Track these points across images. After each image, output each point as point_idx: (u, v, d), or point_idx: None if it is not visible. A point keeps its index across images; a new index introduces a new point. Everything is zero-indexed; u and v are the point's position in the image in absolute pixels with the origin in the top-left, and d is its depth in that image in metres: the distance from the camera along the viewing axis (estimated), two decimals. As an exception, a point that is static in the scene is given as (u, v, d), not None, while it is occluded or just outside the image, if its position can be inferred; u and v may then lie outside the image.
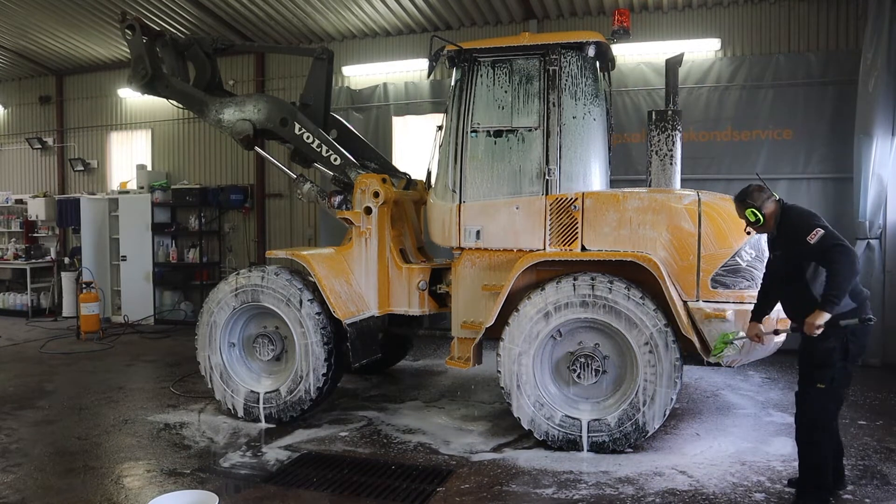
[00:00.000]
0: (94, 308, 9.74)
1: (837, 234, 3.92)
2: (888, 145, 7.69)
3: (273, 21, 10.15)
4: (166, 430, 5.62)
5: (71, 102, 12.71)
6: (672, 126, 5.80)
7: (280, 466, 4.80)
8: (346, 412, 6.11)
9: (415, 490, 4.38)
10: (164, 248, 11.25)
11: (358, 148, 6.97)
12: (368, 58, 10.38)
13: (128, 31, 6.89)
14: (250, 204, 11.23)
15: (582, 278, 4.98)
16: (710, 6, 8.90)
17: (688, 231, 5.01)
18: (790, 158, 8.38)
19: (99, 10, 9.94)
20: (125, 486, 4.48)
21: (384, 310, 6.10)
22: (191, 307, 11.21)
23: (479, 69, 5.60)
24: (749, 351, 4.92)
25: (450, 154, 5.62)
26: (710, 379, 7.22)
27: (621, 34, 5.69)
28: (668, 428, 5.51)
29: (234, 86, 10.77)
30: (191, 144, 11.80)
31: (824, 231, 3.90)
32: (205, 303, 6.01)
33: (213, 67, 7.13)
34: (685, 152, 6.57)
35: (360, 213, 6.08)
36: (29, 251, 12.13)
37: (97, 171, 12.57)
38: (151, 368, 7.92)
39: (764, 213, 4.11)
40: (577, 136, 5.37)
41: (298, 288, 5.65)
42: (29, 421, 5.88)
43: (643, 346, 4.86)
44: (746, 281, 4.96)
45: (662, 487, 4.40)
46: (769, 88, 8.44)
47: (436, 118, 7.94)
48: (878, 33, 7.64)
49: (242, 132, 6.60)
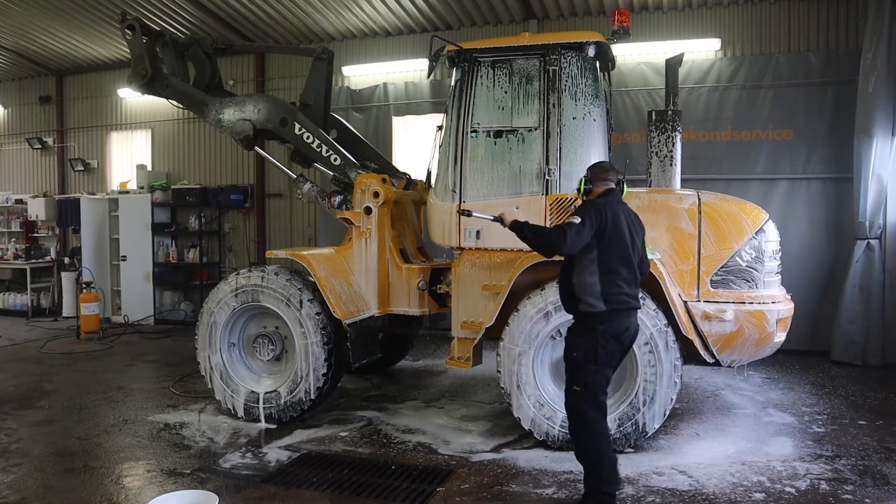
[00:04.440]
0: (94, 308, 9.74)
1: (576, 226, 3.81)
2: (888, 145, 7.69)
3: (273, 21, 10.15)
4: (166, 430, 5.62)
5: (71, 102, 12.70)
6: (672, 127, 5.80)
7: (280, 466, 4.80)
8: (346, 412, 6.11)
9: (415, 490, 4.38)
10: (164, 248, 11.25)
11: (358, 148, 6.96)
12: (368, 58, 10.38)
13: (128, 31, 6.89)
14: (250, 204, 11.22)
15: (582, 278, 4.98)
16: (710, 6, 8.90)
17: (688, 231, 5.01)
18: (790, 158, 8.37)
19: (99, 10, 9.94)
20: (125, 486, 4.48)
21: (384, 310, 6.10)
22: (191, 307, 11.20)
23: (479, 69, 5.60)
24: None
25: (450, 154, 5.61)
26: (710, 379, 7.22)
27: (621, 34, 5.68)
28: (668, 428, 5.51)
29: (234, 86, 10.77)
30: (191, 144, 11.80)
31: (576, 217, 3.87)
32: (205, 303, 6.01)
33: (213, 67, 7.13)
34: (685, 152, 6.57)
35: (360, 213, 6.08)
36: (29, 251, 12.12)
37: (97, 171, 12.57)
38: (151, 368, 7.92)
39: (587, 188, 4.13)
40: (577, 136, 5.37)
41: (298, 288, 5.65)
42: (29, 421, 5.88)
43: (643, 347, 4.86)
44: (746, 281, 4.96)
45: (662, 487, 4.40)
46: (769, 88, 8.44)
47: (436, 118, 7.95)
48: (878, 33, 7.64)
49: (242, 132, 6.60)
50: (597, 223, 3.86)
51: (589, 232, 3.85)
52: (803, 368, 7.64)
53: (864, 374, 7.45)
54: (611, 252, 3.92)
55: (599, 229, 3.87)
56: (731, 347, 4.99)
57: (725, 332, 4.91)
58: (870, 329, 7.81)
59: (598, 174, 4.16)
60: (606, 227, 3.88)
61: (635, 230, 4.10)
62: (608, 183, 4.13)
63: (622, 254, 3.95)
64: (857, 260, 7.81)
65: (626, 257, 3.96)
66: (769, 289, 5.04)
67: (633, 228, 4.07)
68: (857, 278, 7.82)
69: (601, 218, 3.88)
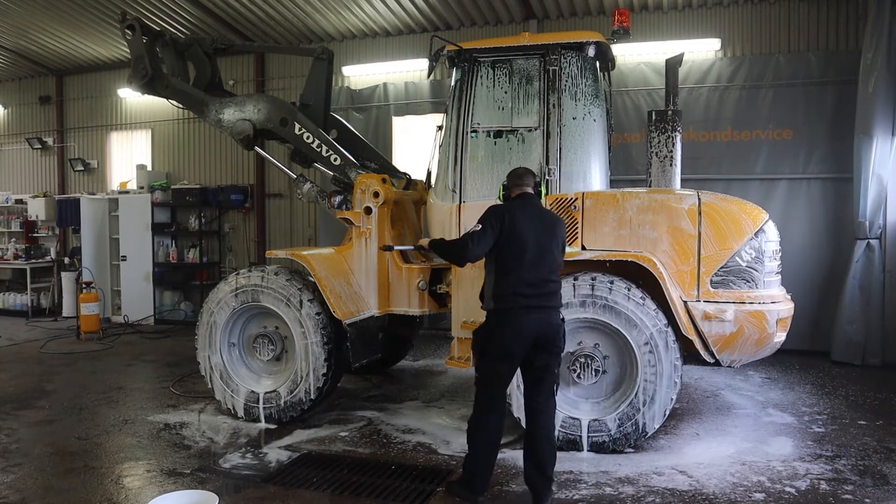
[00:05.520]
0: (94, 308, 9.74)
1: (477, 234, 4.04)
2: (888, 145, 7.69)
3: (273, 21, 10.15)
4: (166, 430, 5.62)
5: (71, 102, 12.71)
6: (672, 127, 5.80)
7: (280, 466, 4.80)
8: (346, 412, 6.11)
9: (415, 490, 4.38)
10: (164, 248, 11.25)
11: (358, 148, 6.96)
12: (368, 58, 10.38)
13: (128, 31, 6.89)
14: (250, 204, 11.22)
15: (582, 278, 4.99)
16: (710, 6, 8.90)
17: (688, 232, 5.01)
18: (790, 158, 8.37)
19: (99, 10, 9.94)
20: (125, 486, 4.48)
21: (384, 310, 6.10)
22: (191, 307, 11.21)
23: (479, 69, 5.60)
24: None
25: (450, 154, 5.61)
26: (710, 379, 7.23)
27: (621, 34, 5.69)
28: (668, 428, 5.52)
29: (234, 86, 10.77)
30: (191, 144, 11.80)
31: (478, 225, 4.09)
32: (205, 303, 6.01)
33: (213, 67, 7.13)
34: (685, 152, 6.57)
35: (360, 213, 6.08)
36: (29, 251, 12.12)
37: (97, 171, 12.57)
38: (151, 368, 7.92)
39: (505, 194, 4.37)
40: (577, 136, 5.37)
41: (298, 288, 5.65)
42: (29, 421, 5.88)
43: (643, 347, 4.87)
44: (746, 281, 4.96)
45: (662, 487, 4.40)
46: (769, 88, 8.44)
47: (436, 118, 7.95)
48: (878, 33, 7.64)
49: (242, 132, 6.59)
50: (497, 227, 4.04)
51: (491, 237, 4.04)
52: (803, 368, 7.65)
53: (864, 374, 7.45)
54: (507, 254, 4.07)
55: (500, 233, 4.05)
56: (731, 347, 4.99)
57: (725, 332, 4.91)
58: (870, 329, 7.81)
59: (513, 180, 4.35)
60: (504, 230, 4.05)
61: (545, 232, 4.16)
62: (523, 188, 4.30)
63: (521, 255, 4.05)
64: (857, 260, 7.81)
65: (526, 258, 4.05)
66: (769, 289, 5.04)
67: (542, 230, 4.14)
68: (857, 278, 7.82)
69: (501, 222, 4.06)
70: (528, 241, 4.05)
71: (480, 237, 4.04)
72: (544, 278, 4.11)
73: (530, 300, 4.04)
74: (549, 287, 4.13)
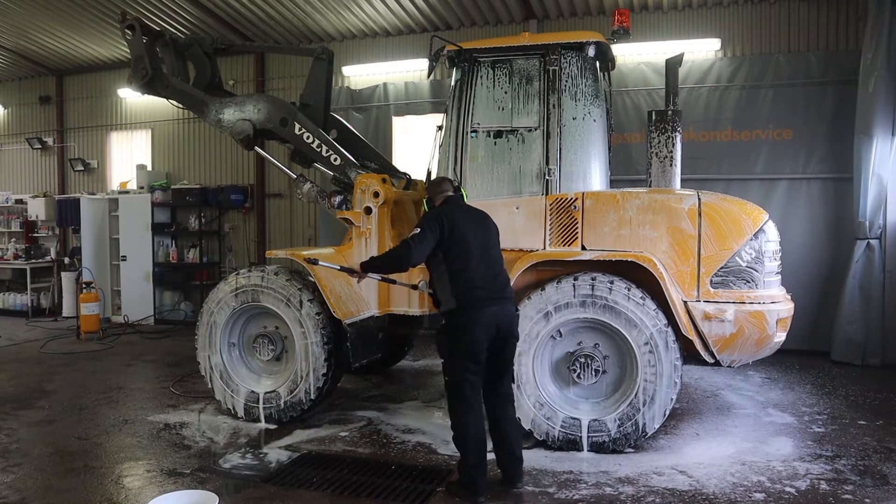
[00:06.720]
0: (94, 308, 9.74)
1: (417, 236, 4.16)
2: (888, 145, 7.69)
3: (273, 21, 10.15)
4: (166, 430, 5.62)
5: (71, 102, 12.71)
6: (672, 127, 5.80)
7: (280, 466, 4.80)
8: (346, 412, 6.11)
9: (415, 490, 4.38)
10: (164, 248, 11.25)
11: (358, 148, 6.96)
12: (368, 58, 10.38)
13: (128, 31, 6.89)
14: (250, 204, 11.22)
15: (582, 278, 4.99)
16: (710, 6, 8.90)
17: (688, 232, 5.01)
18: (790, 158, 8.37)
19: (99, 10, 9.94)
20: (125, 486, 4.48)
21: (384, 310, 6.09)
22: (191, 307, 11.20)
23: (479, 69, 5.60)
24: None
25: (450, 154, 5.61)
26: (710, 379, 7.23)
27: (621, 34, 5.69)
28: (668, 428, 5.51)
29: (234, 86, 10.77)
30: (191, 144, 11.80)
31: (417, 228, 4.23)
32: (205, 303, 6.01)
33: (213, 67, 7.13)
34: (685, 152, 6.57)
35: (360, 213, 6.08)
36: (29, 251, 12.12)
37: (97, 171, 12.57)
38: (151, 368, 7.92)
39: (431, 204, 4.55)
40: (577, 136, 5.37)
41: (298, 288, 5.65)
42: (29, 421, 5.88)
43: (643, 347, 4.87)
44: (746, 282, 4.96)
45: (662, 487, 4.40)
46: (769, 88, 8.44)
47: (436, 118, 7.95)
48: (878, 33, 7.64)
49: (242, 132, 6.59)
50: (437, 229, 4.19)
51: (432, 238, 4.18)
52: (803, 368, 7.65)
53: (864, 374, 7.45)
54: (455, 253, 4.22)
55: (441, 235, 4.18)
56: (731, 347, 4.99)
57: (725, 332, 4.91)
58: (870, 329, 7.81)
59: (434, 189, 4.57)
60: (445, 231, 4.20)
61: (483, 228, 4.39)
62: (445, 193, 4.51)
63: (468, 252, 4.22)
64: (857, 260, 7.81)
65: (473, 255, 4.22)
66: (769, 289, 5.04)
67: (480, 227, 4.37)
68: (857, 278, 7.82)
69: (440, 224, 4.21)
70: (471, 239, 4.24)
71: (421, 238, 4.17)
72: (494, 272, 4.30)
73: (489, 292, 4.20)
74: (500, 279, 4.33)
